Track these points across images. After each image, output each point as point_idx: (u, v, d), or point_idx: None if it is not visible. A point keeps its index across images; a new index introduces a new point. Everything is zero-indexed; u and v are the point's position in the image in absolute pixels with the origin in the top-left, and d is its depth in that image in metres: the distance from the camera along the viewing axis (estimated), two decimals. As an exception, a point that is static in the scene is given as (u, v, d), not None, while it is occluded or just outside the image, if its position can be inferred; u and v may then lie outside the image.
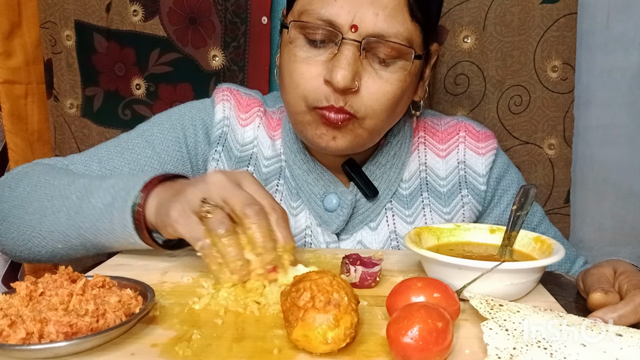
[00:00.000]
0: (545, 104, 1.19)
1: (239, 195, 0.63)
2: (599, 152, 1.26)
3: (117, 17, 1.23)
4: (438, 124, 0.95)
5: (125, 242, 0.72)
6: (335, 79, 0.73)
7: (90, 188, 0.74)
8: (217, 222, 0.61)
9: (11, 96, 1.26)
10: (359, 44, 0.73)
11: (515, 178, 0.95)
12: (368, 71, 0.76)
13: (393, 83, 0.77)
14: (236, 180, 0.65)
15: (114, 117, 1.28)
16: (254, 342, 0.51)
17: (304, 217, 0.89)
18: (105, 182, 0.74)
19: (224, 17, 1.21)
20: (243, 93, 0.96)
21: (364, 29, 0.73)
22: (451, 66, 1.19)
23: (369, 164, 0.89)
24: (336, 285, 0.49)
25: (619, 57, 1.22)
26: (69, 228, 0.74)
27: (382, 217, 0.90)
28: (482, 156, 0.91)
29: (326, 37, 0.75)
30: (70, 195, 0.75)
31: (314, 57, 0.76)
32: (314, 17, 0.74)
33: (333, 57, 0.75)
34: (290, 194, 0.91)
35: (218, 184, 0.64)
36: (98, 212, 0.71)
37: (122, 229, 0.70)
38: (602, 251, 1.29)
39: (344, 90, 0.74)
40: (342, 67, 0.73)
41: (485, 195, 0.91)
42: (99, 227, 0.72)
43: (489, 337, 0.47)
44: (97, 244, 0.74)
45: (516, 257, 0.67)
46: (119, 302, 0.53)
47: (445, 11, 1.17)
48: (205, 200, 0.62)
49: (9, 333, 0.47)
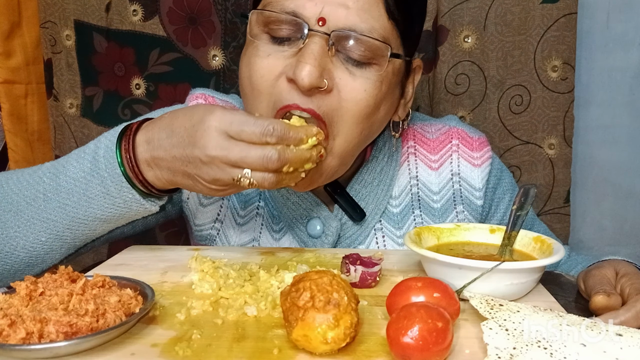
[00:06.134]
0: (546, 104, 1.19)
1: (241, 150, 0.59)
2: (599, 152, 1.26)
3: (116, 17, 1.23)
4: (428, 131, 0.88)
5: (123, 204, 0.67)
6: (299, 75, 0.63)
7: (58, 166, 0.70)
8: (262, 160, 0.58)
9: (11, 96, 1.26)
10: (327, 37, 0.65)
11: (509, 184, 0.90)
12: (340, 69, 0.67)
13: (367, 89, 0.68)
14: (222, 134, 0.60)
15: (113, 117, 1.28)
16: (254, 342, 0.51)
17: (287, 242, 0.84)
18: (72, 153, 0.70)
19: (224, 17, 1.21)
20: (218, 99, 0.89)
21: (332, 22, 0.66)
22: (452, 66, 1.19)
23: (353, 183, 0.82)
24: (336, 285, 0.49)
25: (619, 57, 1.22)
26: (53, 210, 0.68)
27: (371, 239, 0.83)
28: (478, 168, 0.85)
29: (291, 34, 0.67)
30: (41, 180, 0.69)
31: (275, 54, 0.68)
32: (277, 9, 0.67)
33: (298, 51, 0.66)
34: (271, 217, 0.85)
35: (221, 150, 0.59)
36: (82, 181, 0.67)
37: (118, 187, 0.66)
38: (602, 251, 1.29)
39: (311, 89, 0.65)
40: (307, 62, 0.64)
41: (482, 210, 0.86)
42: (90, 194, 0.67)
43: (489, 337, 0.47)
44: (88, 220, 0.69)
45: (516, 257, 0.67)
46: (119, 302, 0.52)
47: (446, 11, 1.17)
48: (237, 179, 0.60)
49: (9, 333, 0.47)
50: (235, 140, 0.60)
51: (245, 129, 0.59)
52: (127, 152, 0.65)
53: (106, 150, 0.67)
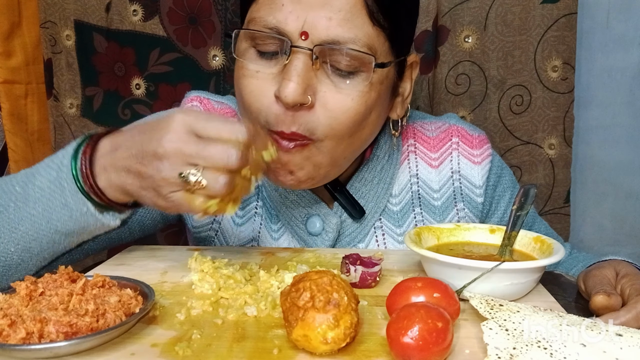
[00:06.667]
0: (546, 104, 1.19)
1: (211, 148, 0.55)
2: (599, 152, 1.27)
3: (116, 17, 1.23)
4: (428, 129, 0.88)
5: (80, 217, 0.64)
6: (283, 92, 0.64)
7: (30, 172, 0.66)
8: (215, 186, 0.55)
9: (11, 96, 1.26)
10: (311, 52, 0.65)
11: (510, 182, 0.90)
12: (325, 84, 0.67)
13: (354, 98, 0.67)
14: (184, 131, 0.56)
15: (113, 117, 1.28)
16: (254, 342, 0.51)
17: (287, 242, 0.84)
18: (43, 162, 0.67)
19: (224, 17, 1.21)
20: (214, 101, 0.88)
21: (315, 35, 0.65)
22: (452, 66, 1.19)
23: (353, 181, 0.82)
24: (336, 285, 0.49)
25: (619, 57, 1.22)
26: (20, 220, 0.64)
27: (371, 237, 0.83)
28: (478, 165, 0.85)
29: (276, 48, 0.67)
30: (13, 188, 0.66)
31: (264, 69, 0.68)
32: (260, 25, 0.66)
33: (283, 68, 0.66)
34: (270, 217, 0.84)
35: (180, 149, 0.55)
36: (47, 191, 0.63)
37: (75, 197, 0.62)
38: (602, 251, 1.29)
39: (294, 106, 0.65)
40: (290, 80, 0.64)
41: (482, 208, 0.86)
42: (52, 205, 0.63)
43: (489, 337, 0.47)
44: (51, 232, 0.65)
45: (516, 257, 0.67)
46: (119, 302, 0.52)
47: (446, 11, 1.17)
48: (184, 175, 0.56)
49: (9, 333, 0.47)
50: (196, 137, 0.57)
51: (212, 123, 0.57)
52: (84, 155, 0.62)
53: (68, 158, 0.64)
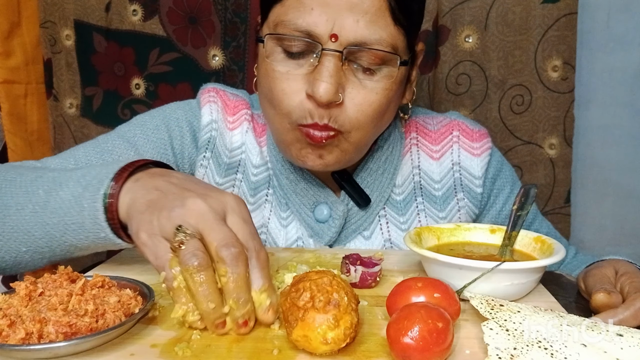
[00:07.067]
0: (546, 104, 1.19)
1: (218, 232, 0.53)
2: (599, 152, 1.26)
3: (116, 17, 1.23)
4: (430, 124, 0.91)
5: (95, 238, 0.63)
6: (317, 92, 0.69)
7: (59, 180, 0.66)
8: (189, 254, 0.51)
9: (11, 96, 1.26)
10: (341, 54, 0.69)
11: (510, 176, 0.92)
12: (352, 81, 0.72)
13: (378, 92, 0.73)
14: (221, 210, 0.55)
15: (113, 117, 1.28)
16: (254, 342, 0.51)
17: (295, 228, 0.86)
18: (76, 172, 0.66)
19: (223, 16, 1.21)
20: (230, 94, 0.91)
21: (344, 37, 0.69)
22: (453, 66, 1.19)
23: (359, 171, 0.86)
24: (336, 285, 0.49)
25: (620, 57, 1.22)
26: (35, 226, 0.65)
27: (375, 225, 0.87)
28: (478, 157, 0.88)
29: (305, 48, 0.71)
30: (37, 190, 0.67)
31: (294, 70, 0.72)
32: (290, 28, 0.70)
33: (314, 69, 0.71)
34: (279, 205, 0.87)
35: (197, 211, 0.54)
36: (67, 204, 0.64)
37: (93, 221, 0.62)
38: (602, 251, 1.29)
39: (328, 104, 0.70)
40: (324, 80, 0.69)
41: (481, 198, 0.89)
42: (67, 221, 0.64)
43: (489, 337, 0.47)
44: (64, 244, 0.66)
45: (516, 257, 0.67)
46: (119, 302, 0.52)
47: (447, 10, 1.17)
48: (180, 229, 0.53)
49: (9, 333, 0.47)
50: (223, 220, 0.55)
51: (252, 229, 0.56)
52: (111, 205, 0.61)
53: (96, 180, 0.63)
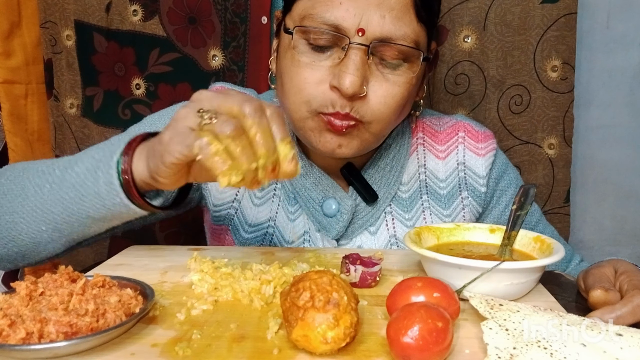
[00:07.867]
0: (546, 104, 1.19)
1: (232, 97, 0.56)
2: (599, 152, 1.26)
3: (116, 17, 1.23)
4: (437, 124, 0.94)
5: (111, 205, 0.65)
6: (344, 85, 0.71)
7: (74, 159, 0.70)
8: (225, 123, 0.53)
9: (11, 96, 1.26)
10: (367, 48, 0.71)
11: (514, 178, 0.95)
12: (375, 75, 0.74)
13: (400, 85, 0.75)
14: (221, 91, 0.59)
15: (114, 117, 1.28)
16: (254, 342, 0.51)
17: (302, 222, 0.88)
18: (90, 150, 0.70)
19: (223, 16, 1.21)
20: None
21: (370, 32, 0.71)
22: (451, 66, 1.19)
23: (368, 168, 0.88)
24: (336, 284, 0.49)
25: (619, 57, 1.22)
26: (53, 202, 0.68)
27: (381, 221, 0.89)
28: (482, 157, 0.90)
29: (331, 42, 0.73)
30: (54, 170, 0.70)
31: (318, 61, 0.74)
32: (318, 21, 0.72)
33: (340, 62, 0.73)
34: (287, 199, 0.89)
35: (206, 95, 0.57)
36: (82, 177, 0.66)
37: (109, 189, 0.64)
38: (602, 251, 1.30)
39: (352, 96, 0.72)
40: (350, 73, 0.71)
41: (485, 197, 0.91)
42: (84, 192, 0.66)
43: (489, 336, 0.47)
44: (81, 217, 0.68)
45: (516, 256, 0.67)
46: (119, 302, 0.53)
47: (446, 11, 1.17)
48: (202, 110, 0.55)
49: (9, 333, 0.47)
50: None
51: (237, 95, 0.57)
52: (125, 171, 0.64)
53: (109, 152, 0.66)
